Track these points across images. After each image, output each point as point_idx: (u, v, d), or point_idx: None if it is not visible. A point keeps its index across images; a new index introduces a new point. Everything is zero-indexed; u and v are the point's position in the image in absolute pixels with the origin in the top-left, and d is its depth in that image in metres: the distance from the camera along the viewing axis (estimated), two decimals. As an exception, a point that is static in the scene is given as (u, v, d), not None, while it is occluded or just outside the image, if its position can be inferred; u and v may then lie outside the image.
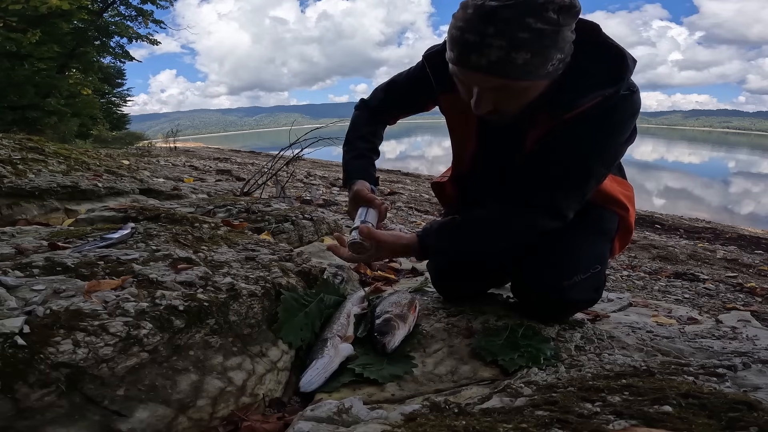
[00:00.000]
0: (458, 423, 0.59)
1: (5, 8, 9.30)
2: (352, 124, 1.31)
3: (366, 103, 1.32)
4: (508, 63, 0.80)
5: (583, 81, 0.89)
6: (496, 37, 0.78)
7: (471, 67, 0.84)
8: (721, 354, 1.05)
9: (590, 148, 0.94)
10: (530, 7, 0.77)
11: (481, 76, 0.84)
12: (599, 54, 0.89)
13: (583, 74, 0.89)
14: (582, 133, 0.92)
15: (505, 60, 0.80)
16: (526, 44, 0.78)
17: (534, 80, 0.85)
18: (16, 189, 1.83)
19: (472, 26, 0.80)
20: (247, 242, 1.30)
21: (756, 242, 5.47)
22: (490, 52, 0.79)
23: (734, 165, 30.79)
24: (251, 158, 12.17)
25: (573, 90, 0.89)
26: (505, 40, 0.78)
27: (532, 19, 0.77)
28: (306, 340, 1.02)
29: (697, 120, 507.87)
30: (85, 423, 0.64)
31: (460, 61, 0.85)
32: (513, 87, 0.85)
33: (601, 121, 0.91)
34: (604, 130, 0.93)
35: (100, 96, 17.73)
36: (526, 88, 0.86)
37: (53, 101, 11.50)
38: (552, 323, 1.13)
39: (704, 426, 0.54)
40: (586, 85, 0.89)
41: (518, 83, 0.84)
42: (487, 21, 0.78)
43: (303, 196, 3.95)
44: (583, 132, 0.92)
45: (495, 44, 0.78)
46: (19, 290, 0.78)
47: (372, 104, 1.30)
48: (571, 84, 0.89)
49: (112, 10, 13.92)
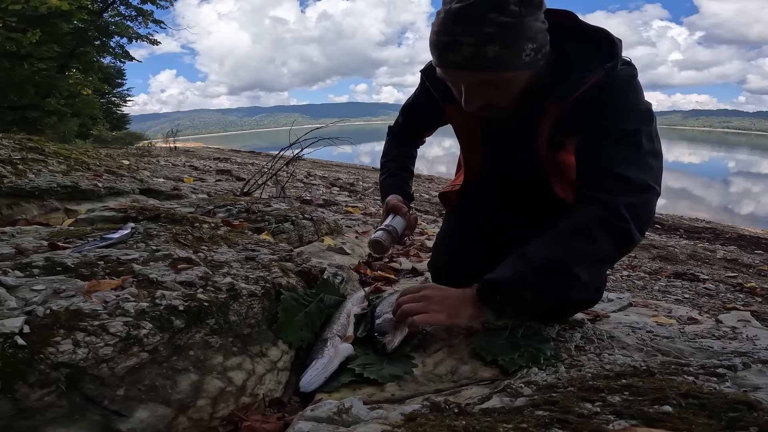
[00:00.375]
0: (458, 423, 0.59)
1: (5, 8, 9.30)
2: (383, 151, 1.42)
3: (391, 128, 1.43)
4: (480, 57, 0.84)
5: (578, 61, 0.92)
6: (464, 35, 0.84)
7: (449, 66, 0.89)
8: (721, 354, 1.05)
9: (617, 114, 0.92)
10: (491, 3, 0.82)
11: (459, 73, 0.90)
12: (584, 36, 0.93)
13: (576, 56, 0.92)
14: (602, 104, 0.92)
15: (476, 55, 0.84)
16: (493, 38, 0.83)
17: (512, 71, 0.88)
18: (16, 189, 1.83)
19: (444, 28, 0.86)
20: (247, 242, 1.30)
21: (756, 242, 5.47)
22: (462, 50, 0.85)
23: (734, 165, 30.81)
24: (251, 158, 12.18)
25: (572, 72, 0.92)
26: (473, 37, 0.83)
27: (495, 14, 0.82)
28: (306, 340, 1.02)
29: (697, 120, 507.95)
30: (85, 423, 0.64)
31: (440, 62, 0.91)
32: (494, 80, 0.89)
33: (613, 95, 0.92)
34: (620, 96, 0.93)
35: (100, 96, 17.74)
36: (508, 79, 0.89)
37: (53, 101, 11.50)
38: (552, 323, 1.13)
39: (704, 426, 0.54)
40: (582, 65, 0.91)
41: (498, 75, 0.88)
42: (456, 21, 0.83)
43: (303, 196, 3.95)
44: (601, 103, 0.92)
45: (465, 41, 0.84)
46: (19, 290, 0.78)
47: (396, 129, 1.41)
48: (567, 67, 0.92)
49: (112, 10, 13.93)
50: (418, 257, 2.17)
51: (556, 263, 0.91)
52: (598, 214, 0.90)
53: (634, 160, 0.91)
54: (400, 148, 1.40)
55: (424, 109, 1.26)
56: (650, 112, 0.95)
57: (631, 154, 0.91)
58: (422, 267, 1.93)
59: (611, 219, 0.89)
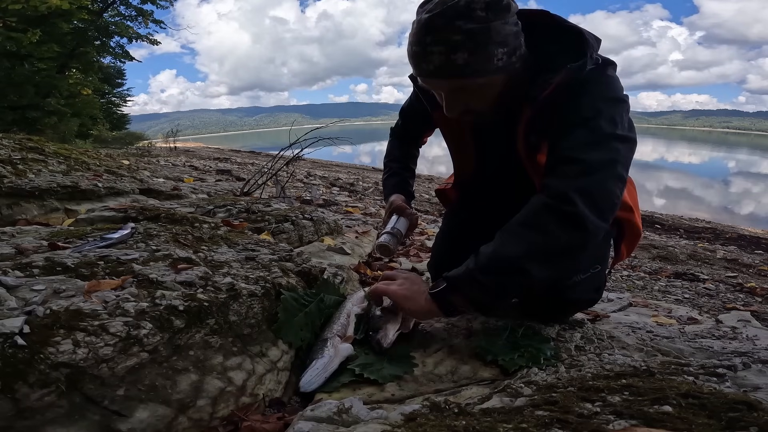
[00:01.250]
0: (458, 423, 0.59)
1: (5, 8, 9.30)
2: (386, 151, 1.46)
3: (393, 130, 1.47)
4: (450, 65, 0.85)
5: (547, 63, 0.92)
6: (434, 44, 0.85)
7: (424, 75, 0.91)
8: (721, 354, 1.05)
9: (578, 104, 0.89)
10: (457, 11, 0.82)
11: (434, 81, 0.92)
12: (556, 35, 0.94)
13: (545, 57, 0.93)
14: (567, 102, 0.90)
15: (446, 63, 0.85)
16: (461, 45, 0.83)
17: (485, 76, 0.88)
18: (16, 189, 1.83)
19: (416, 39, 0.87)
20: (247, 242, 1.30)
21: (756, 242, 5.47)
22: (433, 59, 0.86)
23: (734, 165, 30.81)
24: (251, 158, 12.18)
25: (542, 73, 0.92)
26: (442, 45, 0.84)
27: (462, 21, 0.82)
28: (306, 340, 1.02)
29: (697, 120, 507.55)
30: (85, 423, 0.64)
31: (416, 72, 0.93)
32: (468, 86, 0.90)
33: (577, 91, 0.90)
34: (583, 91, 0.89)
35: (100, 96, 17.74)
36: (482, 84, 0.90)
37: (53, 101, 11.50)
38: (552, 323, 1.13)
39: (704, 426, 0.54)
40: (551, 66, 0.91)
41: (471, 81, 0.88)
42: (425, 32, 0.85)
43: (303, 196, 3.95)
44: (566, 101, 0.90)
45: (435, 50, 0.85)
46: (19, 290, 0.78)
47: (396, 131, 1.45)
48: (539, 69, 0.93)
49: (112, 10, 13.92)
50: (418, 257, 2.17)
51: (503, 259, 0.86)
52: (546, 201, 0.86)
53: (590, 142, 0.86)
54: (402, 149, 1.44)
55: (418, 114, 1.28)
56: (617, 98, 0.91)
57: (587, 137, 0.87)
58: (422, 267, 1.93)
59: (558, 205, 0.84)
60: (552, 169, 0.90)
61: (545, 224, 0.85)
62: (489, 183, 1.21)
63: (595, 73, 0.91)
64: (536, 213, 0.87)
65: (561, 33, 0.94)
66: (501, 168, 1.13)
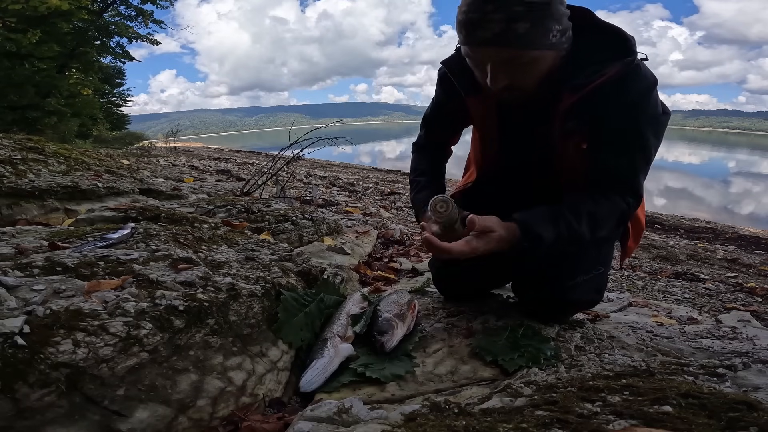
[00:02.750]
0: (458, 423, 0.59)
1: (5, 8, 9.30)
2: (411, 167, 1.35)
3: (415, 144, 1.38)
4: (510, 33, 0.86)
5: (596, 55, 0.95)
6: (495, 12, 0.86)
7: (478, 43, 0.90)
8: (721, 354, 1.05)
9: (638, 113, 0.97)
10: None
11: (489, 49, 0.90)
12: (601, 31, 0.97)
13: (592, 49, 0.95)
14: (622, 101, 0.95)
15: (506, 31, 0.86)
16: (522, 16, 0.85)
17: (540, 50, 0.90)
18: (16, 189, 1.83)
19: (474, 6, 0.88)
20: (247, 242, 1.30)
21: (756, 242, 5.47)
22: (492, 26, 0.86)
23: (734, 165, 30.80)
24: (251, 158, 12.18)
25: (588, 64, 0.94)
26: (504, 14, 0.85)
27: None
28: (306, 340, 1.02)
29: (697, 120, 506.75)
30: (85, 423, 0.64)
31: (468, 40, 0.92)
32: (522, 57, 0.90)
33: (629, 85, 0.95)
34: (635, 93, 0.96)
35: (100, 96, 17.74)
36: (535, 58, 0.91)
37: (53, 101, 11.50)
38: (552, 323, 1.13)
39: (704, 426, 0.54)
40: (599, 58, 0.94)
41: (526, 53, 0.90)
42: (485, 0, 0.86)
43: (303, 196, 3.95)
44: (622, 99, 0.95)
45: (495, 18, 0.86)
46: (19, 290, 0.78)
47: (420, 143, 1.36)
48: (583, 59, 0.95)
49: (112, 10, 13.92)
50: (418, 257, 2.17)
51: (584, 240, 0.99)
52: (623, 209, 1.01)
53: (644, 172, 1.04)
54: (428, 161, 1.33)
55: (447, 113, 1.24)
56: (666, 120, 1.02)
57: (644, 167, 1.03)
58: (422, 267, 1.93)
59: (626, 220, 1.07)
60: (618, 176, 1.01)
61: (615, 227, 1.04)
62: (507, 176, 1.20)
63: (638, 67, 0.96)
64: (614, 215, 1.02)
65: (601, 28, 0.97)
66: (526, 159, 1.13)
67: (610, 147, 1.00)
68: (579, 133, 1.02)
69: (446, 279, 1.32)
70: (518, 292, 1.20)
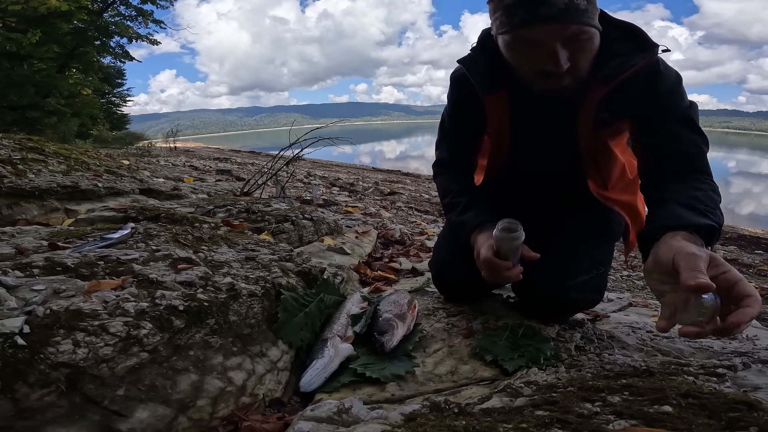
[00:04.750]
0: (458, 423, 0.59)
1: (5, 8, 9.30)
2: (441, 193, 1.24)
3: (441, 163, 1.28)
4: (575, 8, 0.87)
5: (617, 48, 0.96)
6: None
7: (543, 19, 0.87)
8: (721, 354, 1.05)
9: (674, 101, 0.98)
10: None
11: (554, 26, 0.87)
12: (616, 27, 0.98)
13: (613, 43, 0.96)
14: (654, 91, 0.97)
15: (570, 6, 0.86)
16: None
17: (595, 28, 0.91)
18: (16, 189, 1.83)
19: None
20: (247, 242, 1.30)
21: (756, 242, 5.46)
22: (558, 1, 0.85)
23: (734, 165, 30.77)
24: (251, 158, 12.18)
25: (612, 56, 0.95)
26: None
27: None
28: (306, 340, 1.02)
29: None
30: (85, 423, 0.64)
31: (530, 19, 0.88)
32: (585, 33, 0.90)
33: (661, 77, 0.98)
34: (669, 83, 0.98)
35: (100, 96, 17.74)
36: (592, 36, 0.91)
37: (53, 101, 11.49)
38: (552, 323, 1.13)
39: (704, 426, 0.54)
40: (622, 51, 0.96)
41: (588, 30, 0.90)
42: None
43: (303, 196, 3.95)
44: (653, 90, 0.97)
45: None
46: (19, 290, 0.78)
47: (446, 160, 1.26)
48: (610, 53, 0.96)
49: (112, 10, 13.92)
50: (418, 257, 2.17)
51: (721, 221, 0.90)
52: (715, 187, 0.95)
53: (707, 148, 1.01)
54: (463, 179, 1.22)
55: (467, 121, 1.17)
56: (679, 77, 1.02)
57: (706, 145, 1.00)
58: (422, 267, 1.93)
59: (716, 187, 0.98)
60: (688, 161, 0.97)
61: None
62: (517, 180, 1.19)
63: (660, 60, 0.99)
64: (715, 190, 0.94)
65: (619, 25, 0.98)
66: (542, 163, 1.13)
67: (669, 135, 0.98)
68: (611, 126, 1.02)
69: (446, 279, 1.32)
70: (518, 292, 1.20)
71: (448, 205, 1.19)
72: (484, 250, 0.96)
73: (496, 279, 0.97)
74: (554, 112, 1.04)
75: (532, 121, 1.08)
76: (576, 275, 1.08)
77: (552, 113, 1.04)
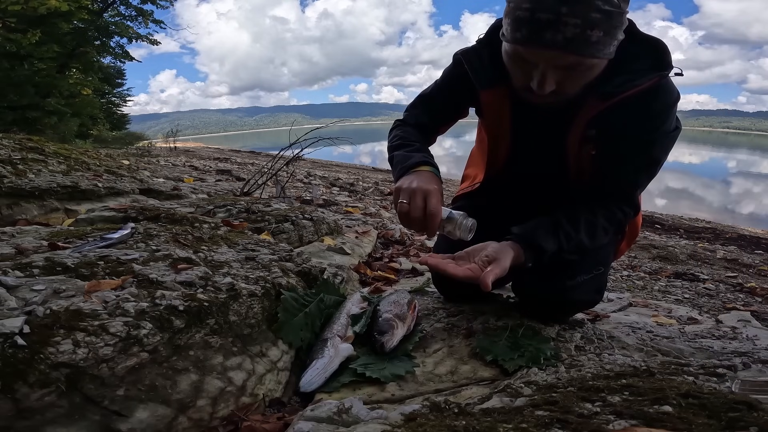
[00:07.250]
0: (458, 423, 0.59)
1: (5, 9, 9.30)
2: (396, 141, 1.18)
3: (404, 121, 1.25)
4: (584, 40, 0.83)
5: (630, 64, 0.93)
6: (570, 15, 0.81)
7: (545, 45, 0.84)
8: (721, 354, 1.05)
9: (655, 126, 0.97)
10: None
11: (555, 53, 0.85)
12: (643, 41, 0.95)
13: (628, 58, 0.92)
14: (643, 112, 0.95)
15: (581, 37, 0.82)
16: (598, 23, 0.82)
17: (601, 58, 0.88)
18: (16, 189, 1.83)
19: (545, 6, 0.82)
20: (247, 242, 1.30)
21: (756, 242, 5.47)
22: (566, 30, 0.82)
23: (734, 165, 30.81)
24: (251, 158, 12.18)
25: (620, 72, 0.93)
26: (580, 19, 0.81)
27: (600, 1, 0.81)
28: (306, 340, 1.02)
29: (697, 120, 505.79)
30: (85, 423, 0.64)
31: (532, 40, 0.85)
32: (584, 64, 0.87)
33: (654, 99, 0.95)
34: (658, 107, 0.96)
35: (100, 96, 17.74)
36: (593, 65, 0.89)
37: (53, 101, 11.49)
38: (552, 323, 1.13)
39: (704, 426, 0.54)
40: (633, 68, 0.93)
41: (590, 60, 0.87)
42: (561, 1, 0.81)
43: (303, 196, 3.95)
44: (643, 111, 0.95)
45: (570, 22, 0.81)
46: (19, 290, 0.78)
47: (412, 121, 1.24)
48: (621, 67, 0.93)
49: (112, 10, 13.92)
50: (418, 257, 2.17)
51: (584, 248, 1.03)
52: (619, 219, 1.06)
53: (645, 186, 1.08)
54: (419, 137, 1.20)
55: (451, 98, 1.18)
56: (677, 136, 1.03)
57: (645, 181, 1.07)
58: (422, 267, 1.93)
59: (622, 229, 1.14)
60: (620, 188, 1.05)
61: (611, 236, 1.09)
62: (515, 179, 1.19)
63: (668, 81, 0.96)
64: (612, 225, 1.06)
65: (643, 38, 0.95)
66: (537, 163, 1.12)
67: (618, 157, 1.00)
68: (595, 143, 1.01)
69: (446, 279, 1.32)
70: (518, 292, 1.20)
71: (397, 145, 1.16)
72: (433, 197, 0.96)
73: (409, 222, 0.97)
74: (551, 116, 1.03)
75: (531, 121, 1.07)
76: (575, 275, 1.08)
77: (549, 116, 1.04)
